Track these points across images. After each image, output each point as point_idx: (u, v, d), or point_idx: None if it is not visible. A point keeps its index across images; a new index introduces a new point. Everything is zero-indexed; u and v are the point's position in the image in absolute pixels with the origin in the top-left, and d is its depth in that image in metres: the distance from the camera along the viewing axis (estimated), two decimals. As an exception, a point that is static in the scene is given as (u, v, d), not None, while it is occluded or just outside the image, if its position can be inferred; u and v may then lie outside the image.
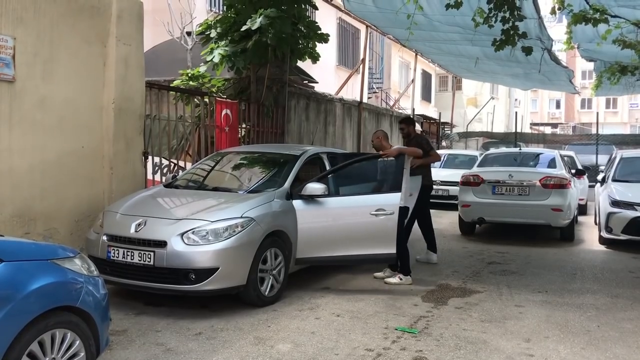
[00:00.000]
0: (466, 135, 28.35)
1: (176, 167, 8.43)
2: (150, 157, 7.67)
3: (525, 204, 9.42)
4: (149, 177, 7.67)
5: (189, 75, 10.27)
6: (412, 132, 7.79)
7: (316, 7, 11.26)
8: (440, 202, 14.02)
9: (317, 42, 10.44)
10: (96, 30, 6.70)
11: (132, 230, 5.39)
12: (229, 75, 10.45)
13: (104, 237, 5.50)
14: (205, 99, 9.23)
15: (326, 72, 20.15)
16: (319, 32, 10.32)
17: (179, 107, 8.76)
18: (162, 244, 5.22)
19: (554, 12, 9.39)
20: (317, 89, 13.78)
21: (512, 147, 17.79)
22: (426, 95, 33.55)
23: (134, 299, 5.65)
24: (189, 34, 13.46)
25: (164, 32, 13.88)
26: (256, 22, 9.01)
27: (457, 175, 11.26)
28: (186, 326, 4.97)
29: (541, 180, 9.45)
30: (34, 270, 3.23)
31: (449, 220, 12.01)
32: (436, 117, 27.27)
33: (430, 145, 7.94)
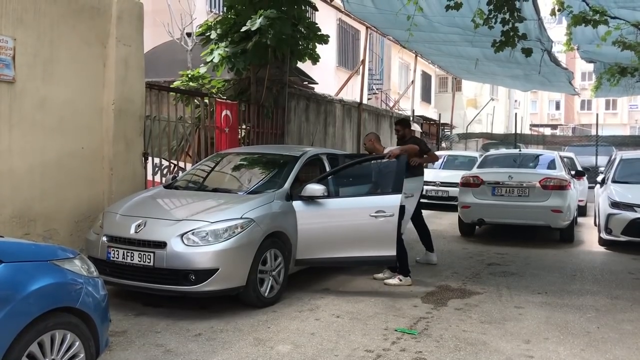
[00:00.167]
0: (466, 136, 28.35)
1: (176, 168, 8.43)
2: (150, 158, 7.68)
3: (525, 205, 9.42)
4: (149, 178, 7.67)
5: (189, 76, 10.27)
6: (408, 134, 7.81)
7: (316, 8, 11.26)
8: (440, 203, 14.04)
9: (317, 43, 10.44)
10: (96, 31, 6.70)
11: (132, 231, 5.39)
12: (229, 76, 10.45)
13: (104, 238, 5.50)
14: (205, 100, 9.23)
15: (326, 73, 20.15)
16: (319, 33, 10.32)
17: (179, 108, 8.77)
18: (162, 244, 5.22)
19: (553, 13, 9.41)
20: (317, 90, 13.79)
21: (511, 149, 17.79)
22: (426, 96, 33.56)
23: (133, 299, 5.65)
24: (189, 35, 13.45)
25: (164, 33, 13.88)
26: (256, 23, 9.01)
27: (457, 176, 11.26)
28: (186, 327, 4.97)
29: (541, 181, 9.45)
30: (33, 271, 3.23)
31: (448, 221, 12.01)
32: (436, 118, 27.27)
33: (427, 146, 7.96)
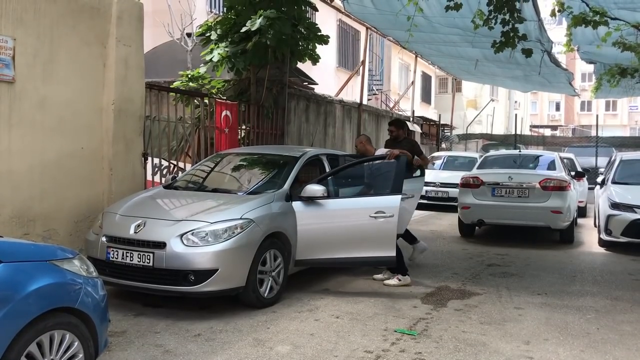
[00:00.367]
0: (466, 137, 28.35)
1: (176, 168, 8.43)
2: (149, 158, 7.67)
3: (524, 206, 9.42)
4: (149, 178, 7.66)
5: (189, 76, 10.27)
6: (402, 135, 7.79)
7: (316, 9, 11.26)
8: (439, 203, 14.05)
9: (317, 44, 10.44)
10: (96, 31, 6.70)
11: (131, 231, 5.39)
12: (228, 76, 10.46)
13: (103, 238, 5.50)
14: (205, 100, 9.23)
15: (326, 74, 20.16)
16: (319, 33, 10.32)
17: (178, 109, 8.77)
18: (162, 245, 5.22)
19: (553, 14, 9.42)
20: (317, 90, 13.79)
21: (511, 149, 17.79)
22: (426, 97, 33.57)
23: (133, 300, 5.64)
24: (189, 35, 13.47)
25: (164, 33, 13.90)
26: (256, 24, 9.01)
27: (457, 177, 11.27)
28: (185, 327, 4.97)
29: (541, 182, 9.44)
30: (32, 271, 3.23)
31: (448, 222, 12.01)
32: (436, 119, 27.28)
33: (420, 148, 7.96)
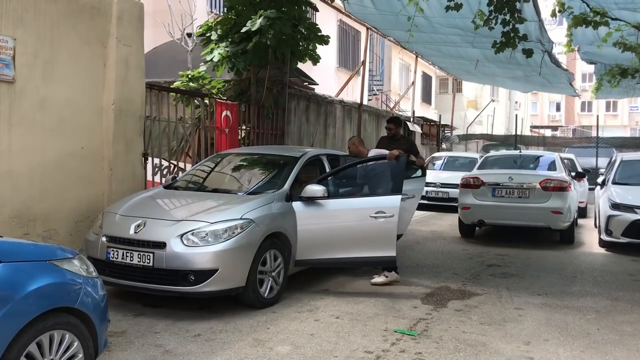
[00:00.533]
0: (466, 137, 28.33)
1: (176, 168, 8.43)
2: (150, 159, 7.67)
3: (525, 207, 9.41)
4: (149, 179, 7.66)
5: (189, 76, 10.27)
6: (399, 133, 7.82)
7: (316, 9, 11.26)
8: (440, 204, 14.05)
9: (317, 44, 10.44)
10: (96, 31, 6.70)
11: (131, 231, 5.38)
12: (229, 76, 10.46)
13: (103, 238, 5.49)
14: (205, 101, 9.23)
15: (326, 74, 20.16)
16: (319, 34, 10.32)
17: (179, 109, 8.77)
18: (162, 245, 5.21)
19: (554, 14, 9.42)
20: (318, 90, 13.80)
21: (512, 150, 17.78)
22: (426, 97, 33.57)
23: (132, 300, 5.64)
24: (189, 35, 13.47)
25: (164, 33, 13.89)
26: (256, 24, 9.01)
27: (457, 177, 11.27)
28: (185, 327, 4.96)
29: (541, 182, 9.44)
30: (32, 271, 3.23)
31: (448, 222, 12.01)
32: (436, 119, 27.26)
33: (416, 148, 7.99)
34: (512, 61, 13.51)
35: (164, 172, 8.17)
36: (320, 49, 10.72)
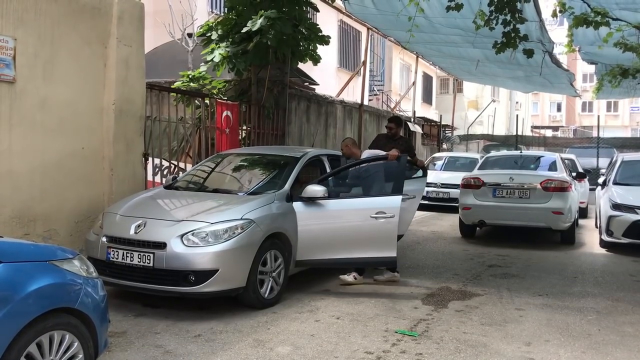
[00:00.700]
0: (467, 137, 28.31)
1: (176, 168, 8.42)
2: (150, 159, 7.67)
3: (526, 207, 9.41)
4: (149, 179, 7.66)
5: (190, 76, 10.27)
6: (398, 133, 7.81)
7: (317, 9, 11.26)
8: (440, 204, 14.05)
9: (318, 44, 10.44)
10: (97, 31, 6.70)
11: (131, 231, 5.38)
12: (229, 77, 10.46)
13: (104, 239, 5.49)
14: (205, 101, 9.22)
15: (327, 74, 20.15)
16: (320, 34, 10.32)
17: (179, 109, 8.76)
18: (162, 245, 5.21)
19: (555, 14, 9.40)
20: (318, 91, 13.79)
21: (513, 150, 17.78)
22: (427, 97, 33.56)
23: (133, 300, 5.64)
24: (190, 35, 13.46)
25: (164, 33, 13.90)
26: (257, 24, 9.01)
27: (458, 177, 11.27)
28: (185, 328, 4.96)
29: (542, 183, 9.43)
30: (32, 271, 3.22)
31: (449, 222, 12.00)
32: (437, 119, 27.25)
33: (414, 149, 7.99)
34: (512, 61, 13.50)
35: (165, 172, 8.17)
36: (320, 49, 10.71)
